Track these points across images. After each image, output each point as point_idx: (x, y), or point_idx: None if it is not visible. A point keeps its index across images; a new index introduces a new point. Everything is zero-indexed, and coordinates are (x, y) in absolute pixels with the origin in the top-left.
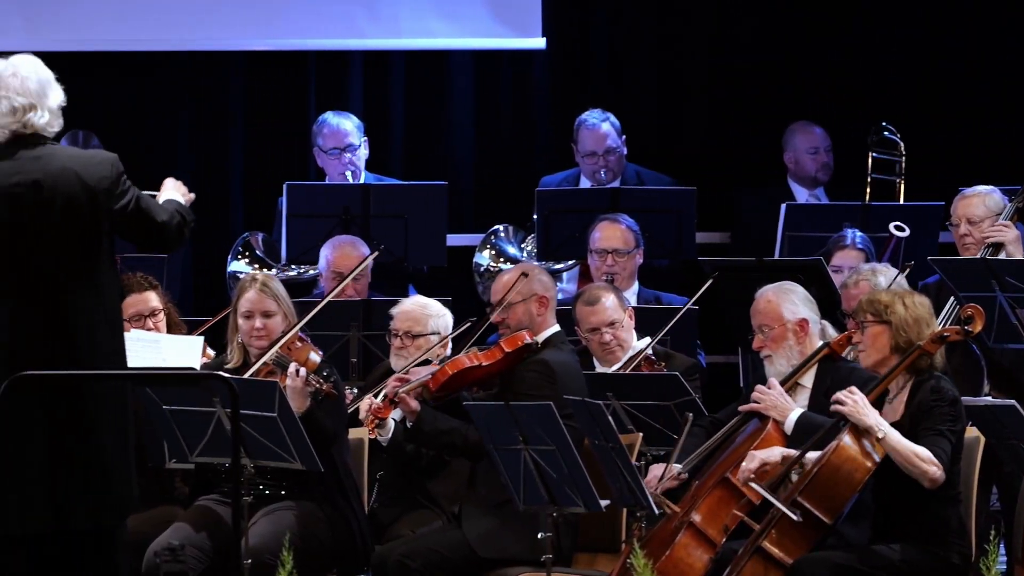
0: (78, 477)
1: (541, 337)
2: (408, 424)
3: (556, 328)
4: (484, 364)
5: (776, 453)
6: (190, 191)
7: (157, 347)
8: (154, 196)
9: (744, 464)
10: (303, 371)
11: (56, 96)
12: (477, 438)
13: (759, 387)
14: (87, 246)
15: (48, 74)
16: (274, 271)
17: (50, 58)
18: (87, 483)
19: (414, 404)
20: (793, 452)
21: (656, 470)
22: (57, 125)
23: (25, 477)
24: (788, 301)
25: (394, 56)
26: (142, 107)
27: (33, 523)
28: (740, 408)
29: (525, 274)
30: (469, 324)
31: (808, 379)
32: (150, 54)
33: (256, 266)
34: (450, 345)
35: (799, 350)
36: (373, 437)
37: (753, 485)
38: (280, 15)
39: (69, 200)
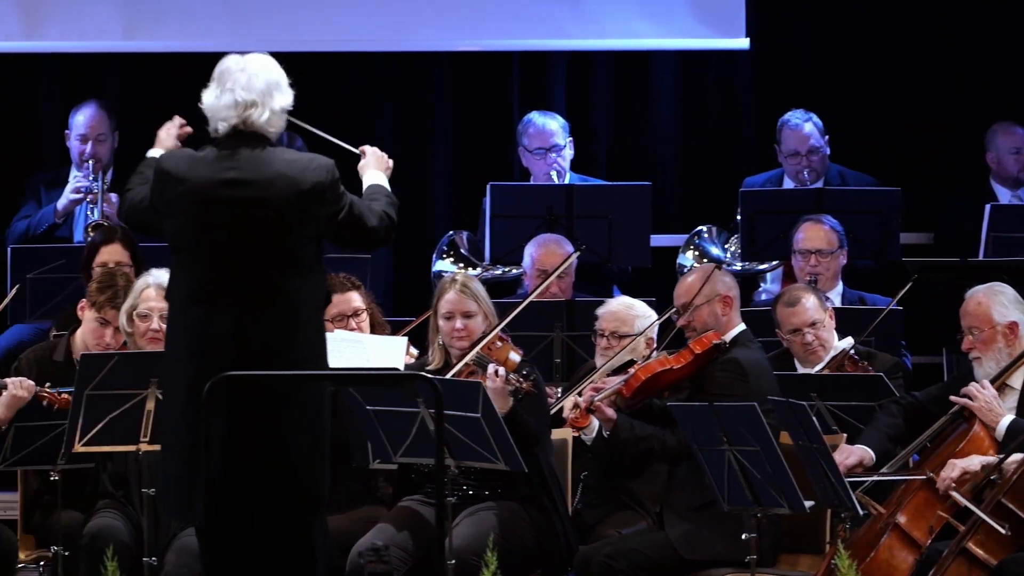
0: (267, 476)
1: (728, 336)
2: (605, 433)
3: (742, 327)
4: (675, 367)
5: (975, 462)
6: (390, 186)
7: (361, 347)
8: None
9: (944, 473)
10: (502, 370)
11: (283, 99)
12: (675, 443)
13: (974, 383)
14: (295, 249)
15: (279, 76)
16: (478, 270)
17: None
18: (276, 482)
19: (610, 413)
20: (992, 459)
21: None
22: (279, 126)
23: (218, 475)
24: (998, 303)
25: (598, 57)
26: (346, 107)
27: (224, 519)
28: (952, 398)
29: (706, 277)
30: (669, 314)
31: (1017, 380)
32: (355, 54)
33: (460, 265)
34: (655, 345)
35: (1008, 352)
36: (576, 435)
37: (954, 494)
38: (485, 16)
39: (281, 203)
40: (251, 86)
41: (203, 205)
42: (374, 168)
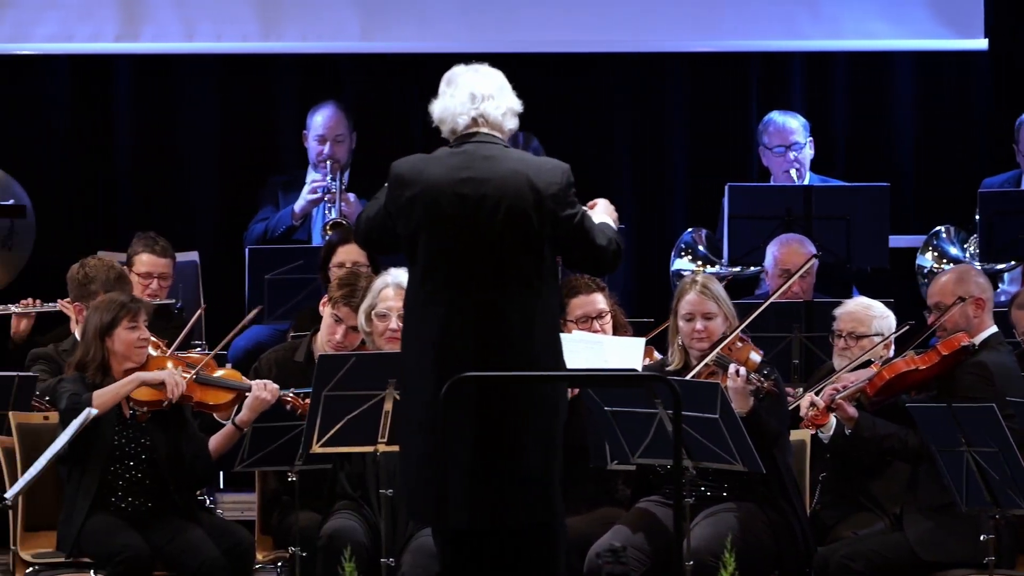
0: (508, 475)
1: (978, 339)
2: (847, 431)
3: (993, 329)
4: (921, 368)
5: None
6: (623, 200)
7: (599, 348)
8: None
9: None
10: (743, 370)
11: (514, 100)
12: (916, 442)
13: None
14: (529, 250)
15: (507, 82)
16: (717, 268)
17: (496, 59)
18: (516, 481)
19: (851, 411)
20: None
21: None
22: (512, 124)
23: (456, 474)
24: None
25: (836, 58)
26: (584, 109)
27: (465, 519)
28: None
29: (961, 277)
30: (908, 327)
31: None
32: (592, 55)
33: (699, 263)
34: (892, 347)
35: None
36: (813, 432)
37: None
38: (722, 17)
39: (516, 203)
40: (485, 83)
41: (438, 205)
42: (603, 213)
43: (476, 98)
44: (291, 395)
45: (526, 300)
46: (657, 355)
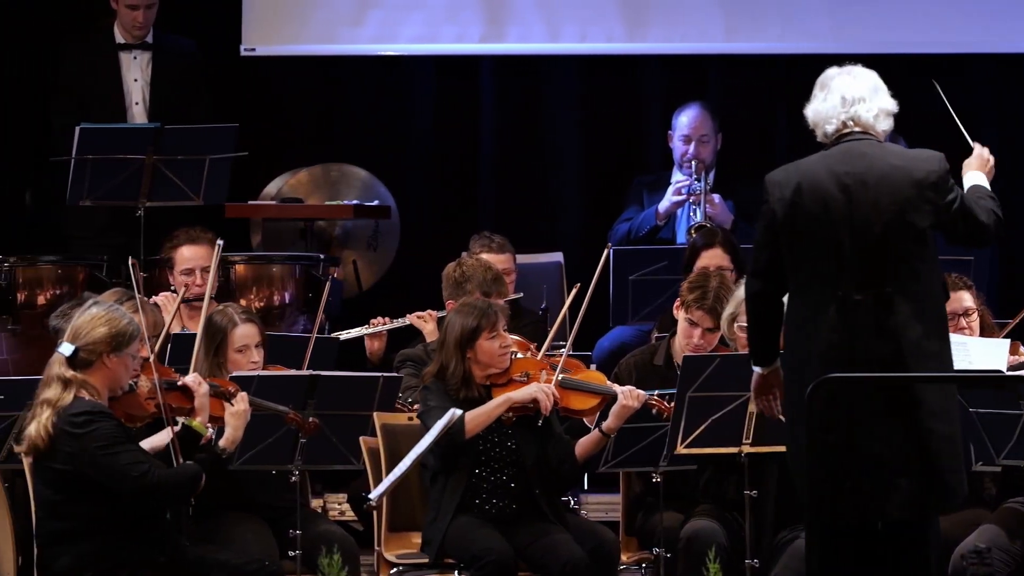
0: (909, 468)
1: None
2: None
3: None
4: None
5: None
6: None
7: (964, 349)
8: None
9: None
10: None
11: (888, 101)
12: None
13: None
14: (912, 243)
15: (882, 84)
16: None
17: (865, 60)
18: (917, 474)
19: None
20: None
21: None
22: (885, 126)
23: (862, 467)
24: None
25: None
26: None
27: (895, 511)
28: None
29: None
30: None
31: None
32: (957, 56)
33: None
34: None
35: None
36: None
37: None
38: None
39: (897, 195)
40: (857, 85)
41: (819, 205)
42: (976, 169)
43: (847, 101)
44: (655, 398)
45: (915, 292)
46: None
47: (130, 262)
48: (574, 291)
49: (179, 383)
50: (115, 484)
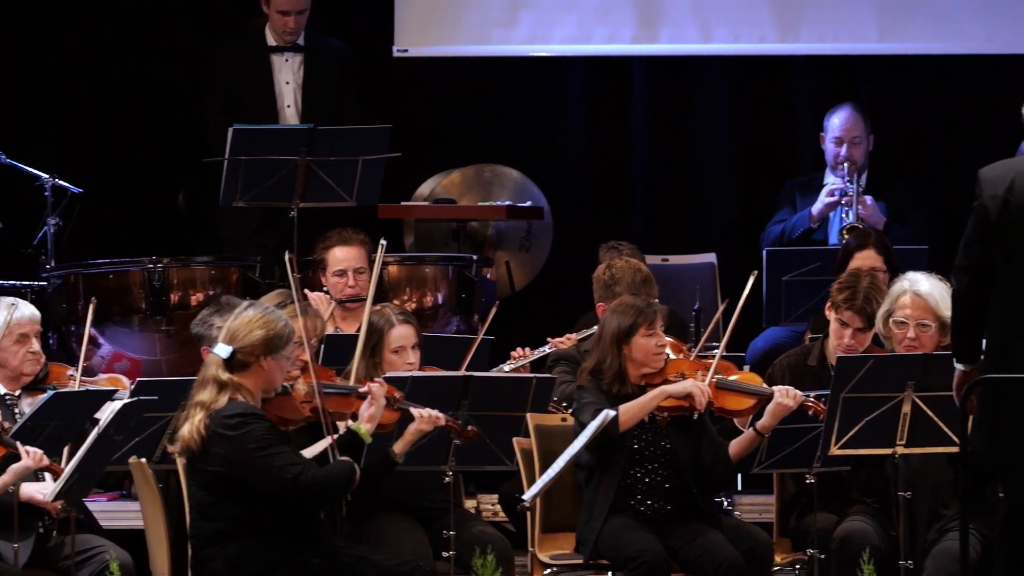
0: None
1: None
2: None
3: None
4: None
5: None
6: None
7: None
8: None
9: None
10: None
11: None
12: None
13: None
14: None
15: None
16: None
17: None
18: None
19: None
20: None
21: None
22: None
23: None
24: None
25: None
26: None
27: None
28: None
29: None
30: None
31: None
32: None
33: None
34: None
35: None
36: None
37: None
38: None
39: None
40: None
41: None
42: None
43: None
44: (811, 399)
45: None
46: None
47: (287, 256)
48: (723, 305)
49: (362, 389)
50: (269, 486)
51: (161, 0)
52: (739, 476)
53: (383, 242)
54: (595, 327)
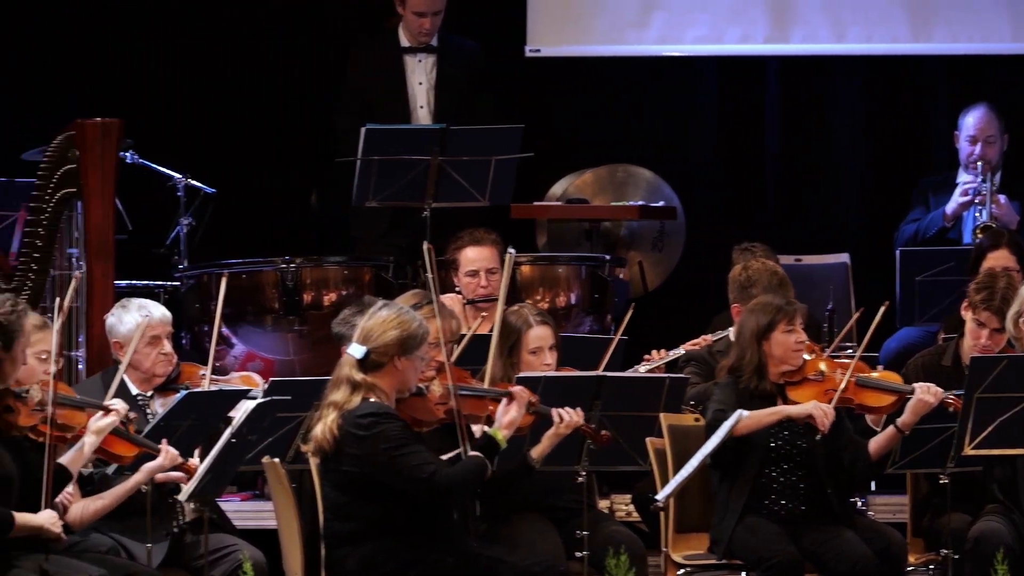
0: None
1: None
2: None
3: None
4: None
5: None
6: None
7: None
8: None
9: None
10: None
11: None
12: None
13: None
14: None
15: None
16: None
17: None
18: None
19: None
20: None
21: None
22: None
23: None
24: None
25: None
26: None
27: None
28: None
29: None
30: None
31: None
32: None
33: None
34: None
35: None
36: None
37: None
38: None
39: None
40: None
41: None
42: None
43: None
44: (952, 397)
45: None
46: None
47: (425, 246)
48: (857, 315)
49: (503, 392)
50: (403, 485)
51: (296, 1)
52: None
53: (511, 251)
54: (729, 329)
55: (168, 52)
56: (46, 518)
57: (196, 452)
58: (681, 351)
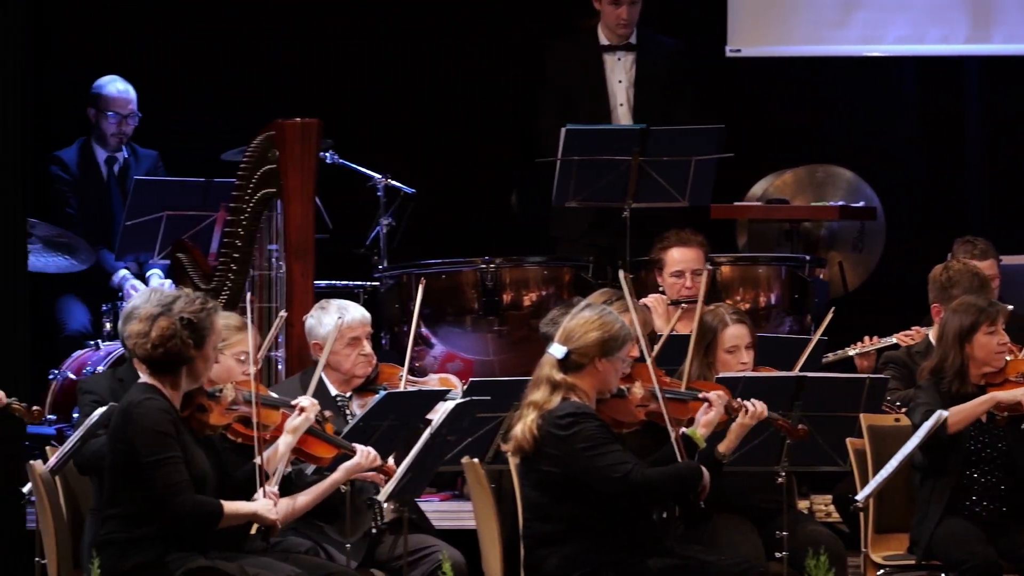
0: None
1: None
2: None
3: None
4: None
5: None
6: None
7: None
8: None
9: None
10: None
11: None
12: None
13: None
14: None
15: None
16: None
17: None
18: None
19: None
20: None
21: None
22: None
23: None
24: None
25: None
26: None
27: None
28: None
29: None
30: None
31: None
32: None
33: None
34: None
35: None
36: None
37: None
38: None
39: None
40: None
41: None
42: None
43: None
44: None
45: None
46: None
47: (622, 275)
48: None
49: (700, 395)
50: (599, 485)
51: (496, 0)
52: None
53: (709, 267)
54: (928, 328)
55: (369, 53)
56: (261, 504)
57: (391, 458)
58: (893, 339)
